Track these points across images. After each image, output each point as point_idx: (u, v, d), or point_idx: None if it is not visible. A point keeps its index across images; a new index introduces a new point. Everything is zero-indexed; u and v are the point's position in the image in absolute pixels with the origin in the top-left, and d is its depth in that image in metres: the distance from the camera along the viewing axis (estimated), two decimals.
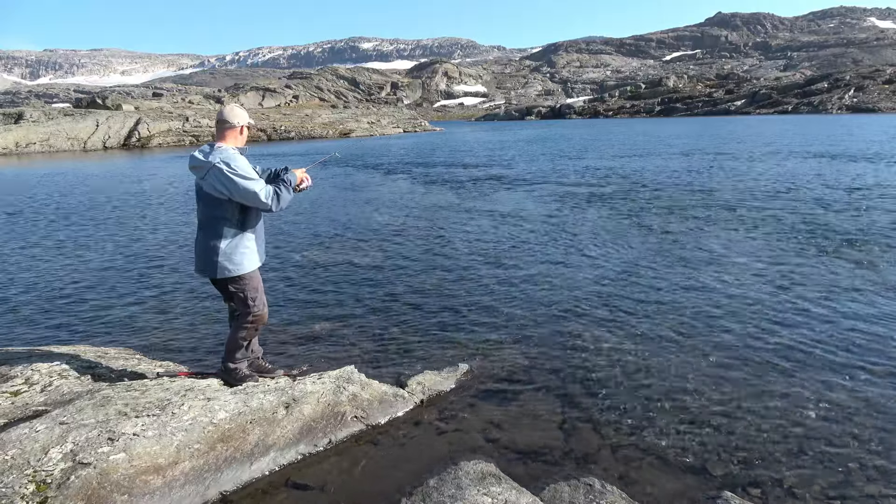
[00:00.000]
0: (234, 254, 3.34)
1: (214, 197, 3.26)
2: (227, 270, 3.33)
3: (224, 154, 3.24)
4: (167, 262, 7.84)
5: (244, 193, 3.22)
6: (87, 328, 5.39)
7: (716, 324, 5.00)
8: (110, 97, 53.05)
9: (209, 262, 3.32)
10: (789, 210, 10.28)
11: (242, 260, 3.37)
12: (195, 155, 3.30)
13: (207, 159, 3.22)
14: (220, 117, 3.40)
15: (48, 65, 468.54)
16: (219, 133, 3.40)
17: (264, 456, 2.95)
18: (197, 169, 3.29)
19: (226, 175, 3.19)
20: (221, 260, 3.31)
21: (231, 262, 3.33)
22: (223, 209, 3.29)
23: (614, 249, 7.83)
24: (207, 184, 3.25)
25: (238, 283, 3.41)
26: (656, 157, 22.70)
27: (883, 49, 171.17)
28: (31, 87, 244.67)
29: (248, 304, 3.46)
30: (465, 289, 6.25)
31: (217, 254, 3.30)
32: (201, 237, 3.36)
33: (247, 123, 3.45)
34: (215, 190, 3.24)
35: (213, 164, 3.20)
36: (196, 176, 3.33)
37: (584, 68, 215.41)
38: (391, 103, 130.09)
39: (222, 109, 3.47)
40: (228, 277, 3.36)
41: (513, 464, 3.02)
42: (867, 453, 3.09)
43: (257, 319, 3.53)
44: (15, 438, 2.69)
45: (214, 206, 3.29)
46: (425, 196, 14.14)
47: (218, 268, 3.31)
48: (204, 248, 3.34)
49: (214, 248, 3.31)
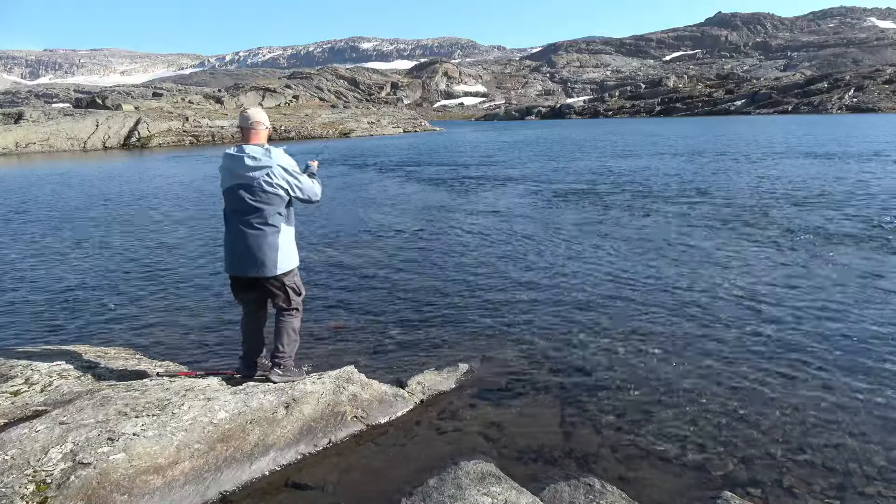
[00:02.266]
0: (289, 249, 3.48)
1: (271, 195, 3.33)
2: (284, 265, 3.44)
3: (279, 154, 3.37)
4: (167, 262, 7.84)
5: (308, 191, 3.47)
6: (87, 328, 5.39)
7: (716, 324, 5.00)
8: (110, 97, 53.09)
9: (266, 260, 3.36)
10: (793, 211, 10.28)
11: (293, 254, 3.54)
12: (250, 154, 3.31)
13: (269, 158, 3.32)
14: (256, 118, 3.45)
15: (48, 65, 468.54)
16: (253, 133, 3.43)
17: (264, 456, 2.95)
18: (252, 168, 3.29)
19: (291, 174, 3.38)
20: (280, 256, 3.40)
21: (287, 256, 3.46)
22: (278, 206, 3.38)
23: (615, 250, 7.83)
24: (266, 182, 3.30)
25: (289, 277, 3.54)
26: (657, 158, 22.69)
27: (883, 49, 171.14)
28: (31, 87, 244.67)
29: (298, 294, 3.63)
30: (465, 288, 6.25)
31: (276, 250, 3.38)
32: (251, 236, 3.34)
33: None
34: (278, 188, 3.33)
35: (276, 164, 3.32)
36: (242, 174, 3.30)
37: (584, 68, 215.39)
38: (391, 103, 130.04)
39: (254, 111, 3.52)
40: (282, 273, 3.46)
41: (513, 464, 3.01)
42: (867, 453, 3.09)
43: (301, 307, 3.70)
44: (15, 438, 2.68)
45: (269, 204, 3.34)
46: (425, 196, 14.13)
47: (278, 264, 3.39)
48: (257, 247, 3.34)
49: (273, 245, 3.37)
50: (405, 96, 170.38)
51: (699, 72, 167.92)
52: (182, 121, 46.71)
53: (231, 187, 3.38)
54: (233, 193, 3.37)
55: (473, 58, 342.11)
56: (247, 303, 3.65)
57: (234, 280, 3.56)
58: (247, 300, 3.63)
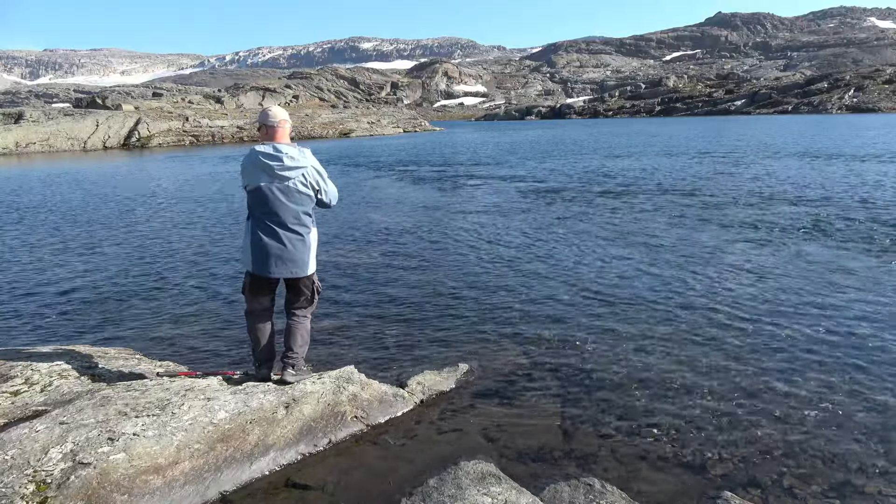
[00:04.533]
0: (315, 249, 3.52)
1: (304, 196, 3.35)
2: (314, 264, 3.51)
3: (311, 155, 3.39)
4: (167, 262, 7.84)
5: (331, 195, 3.53)
6: (88, 328, 5.39)
7: (716, 323, 4.99)
8: (110, 97, 53.10)
9: (300, 259, 3.38)
10: (791, 211, 10.28)
11: (317, 253, 3.59)
12: (288, 154, 3.27)
13: (305, 158, 3.33)
14: (281, 116, 3.44)
15: (48, 65, 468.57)
16: (280, 132, 3.39)
17: (264, 456, 2.95)
18: (290, 168, 3.27)
19: (323, 175, 3.43)
20: (311, 256, 3.45)
21: (314, 256, 3.52)
22: (308, 207, 3.41)
23: (615, 250, 7.83)
24: (301, 183, 3.32)
25: (315, 276, 3.60)
26: (659, 158, 22.69)
27: (883, 49, 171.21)
28: (31, 87, 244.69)
29: (319, 292, 3.68)
30: (466, 288, 6.25)
31: (308, 250, 3.42)
32: (286, 236, 3.31)
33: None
34: (310, 189, 3.36)
35: (310, 164, 3.36)
36: (279, 174, 3.26)
37: (584, 68, 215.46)
38: (391, 103, 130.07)
39: (276, 109, 3.49)
40: (313, 272, 3.52)
41: (513, 464, 3.01)
42: (867, 453, 3.09)
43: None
44: (15, 438, 2.68)
45: (301, 205, 3.36)
46: (425, 196, 14.14)
47: (309, 263, 3.44)
48: (293, 247, 3.34)
49: (306, 245, 3.40)
50: (405, 96, 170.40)
51: (699, 72, 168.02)
52: (182, 121, 46.71)
53: (262, 186, 3.28)
54: (265, 193, 3.28)
55: (473, 58, 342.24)
56: (262, 304, 3.56)
57: (258, 280, 3.44)
58: (262, 301, 3.55)
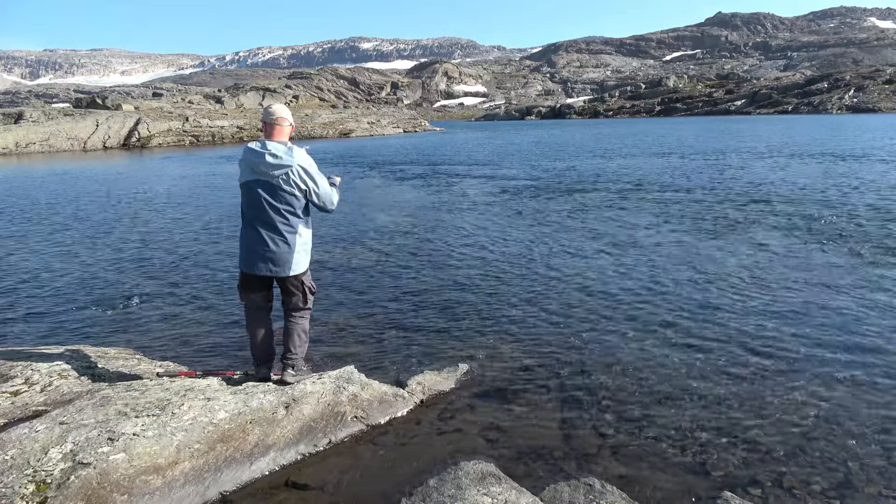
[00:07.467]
0: (304, 250, 3.47)
1: (291, 194, 3.31)
2: (298, 266, 3.44)
3: (302, 153, 3.34)
4: (167, 262, 7.84)
5: (325, 197, 3.45)
6: (87, 328, 5.39)
7: (716, 324, 5.00)
8: (110, 97, 53.06)
9: (281, 259, 3.35)
10: (792, 211, 10.28)
11: (309, 253, 3.54)
12: (272, 152, 3.27)
13: (290, 157, 3.28)
14: (280, 114, 3.42)
15: (48, 65, 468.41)
16: (277, 129, 3.38)
17: (264, 456, 2.95)
18: (272, 166, 3.26)
19: (311, 176, 3.35)
20: (295, 257, 3.40)
21: (303, 256, 3.46)
22: (297, 206, 3.36)
23: (615, 250, 7.83)
24: (287, 181, 3.28)
25: (306, 276, 3.55)
26: (659, 159, 22.69)
27: (883, 49, 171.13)
28: (31, 87, 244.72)
29: (312, 292, 3.62)
30: (466, 289, 6.25)
31: (292, 250, 3.38)
32: (268, 235, 3.32)
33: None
34: (295, 188, 3.31)
35: (296, 164, 3.29)
36: (262, 171, 3.27)
37: (584, 68, 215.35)
38: (391, 103, 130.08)
39: (277, 107, 3.49)
40: (300, 273, 3.46)
41: (513, 464, 3.01)
42: (867, 453, 3.09)
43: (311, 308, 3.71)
44: (15, 438, 2.68)
45: (286, 204, 3.32)
46: (425, 196, 14.14)
47: (292, 264, 3.40)
48: (274, 246, 3.33)
49: (291, 245, 3.37)
50: (405, 96, 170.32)
51: (699, 72, 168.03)
52: (182, 121, 46.67)
53: (249, 182, 3.33)
54: (251, 189, 3.33)
55: (473, 58, 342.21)
56: (253, 301, 3.58)
57: (247, 277, 3.49)
58: (254, 299, 3.56)
